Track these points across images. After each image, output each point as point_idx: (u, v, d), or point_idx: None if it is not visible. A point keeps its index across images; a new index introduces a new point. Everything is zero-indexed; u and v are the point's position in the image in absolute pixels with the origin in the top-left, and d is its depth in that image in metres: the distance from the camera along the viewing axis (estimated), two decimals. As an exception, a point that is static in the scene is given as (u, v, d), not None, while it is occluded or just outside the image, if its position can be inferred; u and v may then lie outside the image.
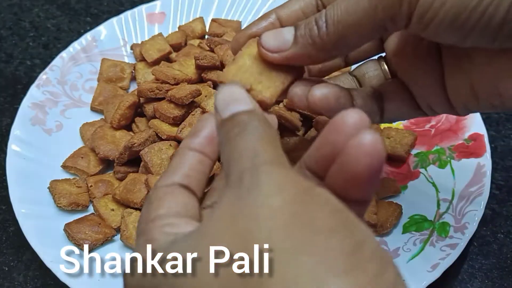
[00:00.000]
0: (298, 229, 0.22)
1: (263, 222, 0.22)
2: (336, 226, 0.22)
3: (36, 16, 0.80)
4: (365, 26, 0.32)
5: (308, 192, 0.23)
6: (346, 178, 0.25)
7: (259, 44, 0.34)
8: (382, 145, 0.24)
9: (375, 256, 0.21)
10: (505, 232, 0.56)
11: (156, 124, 0.57)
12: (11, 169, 0.56)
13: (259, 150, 0.25)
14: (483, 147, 0.57)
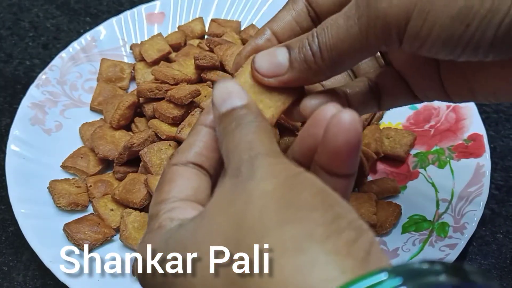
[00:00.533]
0: (285, 208, 0.25)
1: (255, 203, 0.25)
2: (318, 203, 0.25)
3: (35, 16, 0.80)
4: (358, 50, 0.32)
5: (297, 177, 0.26)
6: (328, 154, 0.28)
7: (253, 69, 0.34)
8: (359, 123, 0.27)
9: (351, 226, 0.24)
10: (504, 232, 0.57)
11: (155, 124, 0.57)
12: (11, 169, 0.56)
13: (254, 143, 0.28)
14: (483, 147, 0.57)
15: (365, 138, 0.59)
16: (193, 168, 0.31)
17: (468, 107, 0.61)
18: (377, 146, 0.58)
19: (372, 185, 0.56)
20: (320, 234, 0.23)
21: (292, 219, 0.24)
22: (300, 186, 0.25)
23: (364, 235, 0.24)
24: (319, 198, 0.25)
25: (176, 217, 0.29)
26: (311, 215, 0.24)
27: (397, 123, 0.62)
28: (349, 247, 0.23)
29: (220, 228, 0.26)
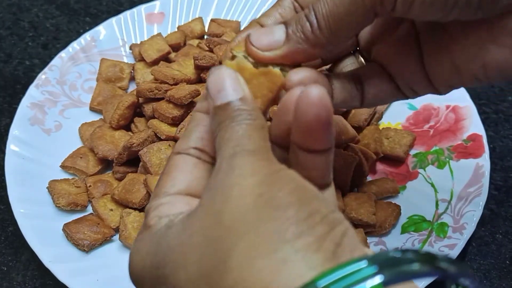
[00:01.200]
0: (262, 206, 0.25)
1: (232, 202, 0.26)
2: (294, 200, 0.25)
3: (35, 16, 0.80)
4: (355, 14, 0.32)
5: (276, 174, 0.26)
6: (301, 131, 0.28)
7: (248, 42, 0.33)
8: (327, 96, 0.27)
9: (325, 220, 0.25)
10: (504, 233, 0.57)
11: (155, 124, 0.57)
12: (10, 169, 0.56)
13: (242, 139, 0.28)
14: (482, 147, 0.57)
15: (365, 138, 0.59)
16: (193, 157, 0.31)
17: (468, 108, 0.61)
18: (377, 146, 0.58)
19: (371, 185, 0.56)
20: (292, 232, 0.24)
21: (268, 219, 0.25)
22: (279, 184, 0.26)
23: (338, 226, 0.25)
24: (296, 195, 0.25)
25: (164, 214, 0.29)
26: (286, 213, 0.24)
27: (396, 123, 0.62)
28: (320, 242, 0.24)
29: (200, 227, 0.26)
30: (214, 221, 0.26)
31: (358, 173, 0.55)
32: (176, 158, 0.32)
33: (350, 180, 0.54)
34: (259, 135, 0.28)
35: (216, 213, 0.26)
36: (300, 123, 0.28)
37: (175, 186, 0.31)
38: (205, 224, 0.26)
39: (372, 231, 0.53)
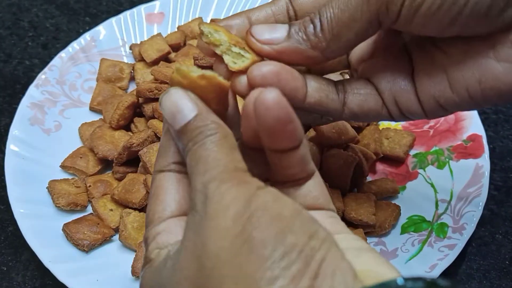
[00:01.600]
0: (238, 249, 0.25)
1: (210, 248, 0.25)
2: (270, 237, 0.25)
3: (35, 16, 0.80)
4: (359, 21, 0.32)
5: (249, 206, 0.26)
6: (266, 134, 0.28)
7: (249, 33, 0.33)
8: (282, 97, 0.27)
9: (301, 256, 0.24)
10: (503, 233, 0.57)
11: (155, 124, 0.57)
12: (10, 169, 0.56)
13: (209, 164, 0.28)
14: (482, 148, 0.57)
15: (365, 138, 0.59)
16: (175, 173, 0.32)
17: (467, 108, 0.61)
18: (376, 147, 0.58)
19: (371, 185, 0.56)
20: (268, 278, 0.24)
21: (246, 262, 0.24)
22: (254, 218, 0.25)
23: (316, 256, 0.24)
24: (271, 229, 0.25)
25: (163, 245, 0.30)
26: (261, 255, 0.24)
27: (396, 123, 0.62)
28: (295, 283, 0.24)
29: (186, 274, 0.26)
30: (197, 269, 0.26)
31: (358, 173, 0.55)
32: (159, 177, 0.32)
33: (349, 180, 0.54)
34: (224, 151, 0.28)
35: (197, 259, 0.26)
36: (262, 128, 0.28)
37: (167, 209, 0.31)
38: (190, 272, 0.26)
39: (372, 231, 0.53)
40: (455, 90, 0.35)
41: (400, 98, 0.37)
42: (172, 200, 0.31)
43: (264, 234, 0.25)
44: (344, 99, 0.37)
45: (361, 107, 0.37)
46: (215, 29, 0.33)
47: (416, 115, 0.37)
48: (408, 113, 0.37)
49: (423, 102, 0.36)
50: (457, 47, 0.35)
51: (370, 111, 0.38)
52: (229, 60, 0.33)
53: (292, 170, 0.31)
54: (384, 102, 0.37)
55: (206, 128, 0.29)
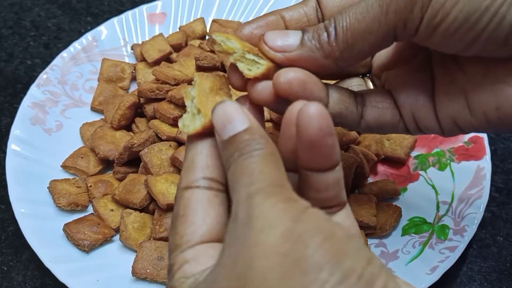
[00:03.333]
0: (289, 270, 0.23)
1: (257, 266, 0.24)
2: (324, 260, 0.23)
3: (36, 16, 0.80)
4: (375, 33, 0.31)
5: (298, 223, 0.24)
6: (307, 146, 0.28)
7: (262, 41, 0.33)
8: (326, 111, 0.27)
9: (360, 280, 0.23)
10: (504, 235, 0.56)
11: (156, 124, 0.57)
12: (11, 169, 0.56)
13: (255, 176, 0.27)
14: (483, 149, 0.57)
15: (366, 140, 0.59)
16: (204, 189, 0.30)
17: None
18: (378, 148, 0.58)
19: (372, 186, 0.56)
20: None
21: (299, 286, 0.23)
22: (305, 237, 0.24)
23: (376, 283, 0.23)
24: (325, 250, 0.23)
25: (190, 273, 0.28)
26: (319, 277, 0.23)
27: (397, 125, 0.62)
28: None
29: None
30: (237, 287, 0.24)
31: (359, 175, 0.55)
32: (187, 195, 0.30)
33: (351, 181, 0.54)
34: (271, 166, 0.27)
35: (239, 278, 0.24)
36: (304, 138, 0.28)
37: (196, 233, 0.29)
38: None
39: (373, 232, 0.53)
40: (473, 113, 0.35)
41: (419, 114, 0.37)
42: (202, 223, 0.30)
43: (318, 255, 0.23)
44: (362, 111, 0.37)
45: (377, 120, 0.37)
46: (227, 37, 0.33)
47: (433, 132, 0.37)
48: (425, 129, 0.37)
49: (441, 120, 0.36)
50: (477, 68, 0.34)
51: (386, 125, 0.38)
52: (243, 68, 0.32)
53: (327, 194, 0.30)
54: (402, 116, 0.37)
55: (255, 141, 0.28)
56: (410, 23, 0.31)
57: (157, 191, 0.52)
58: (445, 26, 0.30)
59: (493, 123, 0.34)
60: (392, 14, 0.31)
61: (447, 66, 0.36)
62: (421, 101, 0.37)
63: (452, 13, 0.30)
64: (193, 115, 0.31)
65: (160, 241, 0.51)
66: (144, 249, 0.50)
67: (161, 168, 0.54)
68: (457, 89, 0.35)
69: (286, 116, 0.29)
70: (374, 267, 0.24)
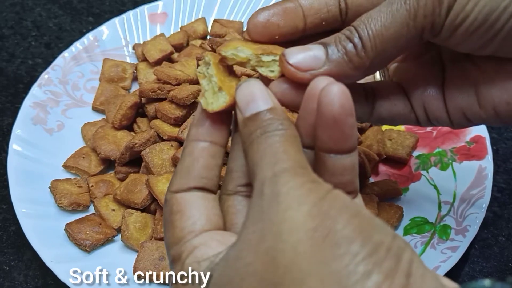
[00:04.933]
0: (320, 243, 0.23)
1: (287, 240, 0.24)
2: (354, 234, 0.24)
3: (38, 16, 0.80)
4: (404, 37, 0.31)
5: (325, 200, 0.25)
6: (328, 124, 0.28)
7: (284, 61, 0.31)
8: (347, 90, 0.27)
9: (390, 253, 0.23)
10: (507, 235, 0.56)
11: (157, 124, 0.57)
12: (12, 169, 0.56)
13: (279, 155, 0.27)
14: (485, 149, 0.57)
15: (367, 139, 0.59)
16: (197, 192, 0.30)
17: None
18: (379, 148, 0.58)
19: (374, 186, 0.56)
20: (362, 273, 0.23)
21: (331, 257, 0.23)
22: (332, 213, 0.24)
23: (404, 255, 0.24)
24: (355, 225, 0.24)
25: (202, 257, 0.28)
26: (350, 249, 0.23)
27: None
28: (390, 278, 0.23)
29: (254, 270, 0.25)
30: (267, 262, 0.24)
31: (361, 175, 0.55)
32: (180, 196, 0.30)
33: (352, 181, 0.54)
34: (294, 148, 0.27)
35: (268, 252, 0.24)
36: (325, 115, 0.27)
37: (197, 224, 0.29)
38: (258, 266, 0.24)
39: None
40: (482, 107, 0.35)
41: (429, 106, 0.37)
42: (200, 215, 0.30)
43: (348, 229, 0.24)
44: (373, 103, 0.37)
45: (389, 111, 0.37)
46: (234, 47, 0.32)
47: (443, 123, 0.37)
48: (435, 121, 0.38)
49: (450, 112, 0.37)
50: (490, 65, 0.35)
51: (399, 116, 0.38)
52: (265, 72, 0.32)
53: (342, 178, 0.30)
54: (413, 108, 0.37)
55: (278, 121, 0.28)
56: (437, 24, 0.31)
57: (158, 191, 0.52)
58: (465, 26, 0.31)
59: (503, 117, 0.35)
60: (421, 17, 0.31)
61: (459, 61, 0.36)
62: (432, 92, 0.37)
63: (472, 13, 0.30)
64: (214, 93, 0.31)
65: (161, 241, 0.51)
66: (145, 249, 0.50)
67: (163, 168, 0.54)
68: (468, 83, 0.36)
69: (309, 90, 0.29)
70: (400, 241, 0.24)
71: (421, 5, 0.30)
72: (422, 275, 0.24)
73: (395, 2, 0.31)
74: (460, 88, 0.36)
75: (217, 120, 0.31)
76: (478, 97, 0.35)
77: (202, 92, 0.31)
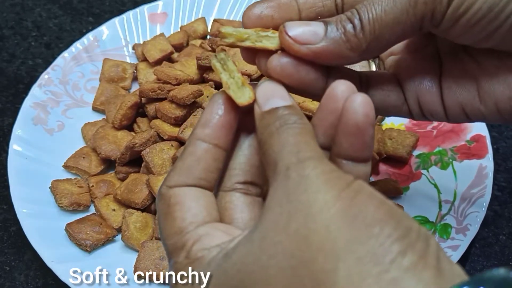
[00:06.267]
0: (353, 224, 0.24)
1: (318, 220, 0.24)
2: (386, 217, 0.24)
3: (38, 16, 0.80)
4: (402, 24, 0.31)
5: (351, 186, 0.25)
6: (349, 132, 0.28)
7: (283, 32, 0.31)
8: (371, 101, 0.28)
9: (420, 237, 0.24)
10: (507, 234, 0.56)
11: (157, 124, 0.57)
12: (13, 169, 0.56)
13: (301, 145, 0.27)
14: (485, 148, 0.57)
15: (368, 139, 0.59)
16: (195, 188, 0.30)
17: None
18: (380, 147, 0.58)
19: (374, 186, 0.55)
20: (397, 252, 0.23)
21: (365, 237, 0.24)
22: (361, 198, 0.25)
23: (431, 242, 0.24)
24: (384, 211, 0.25)
25: (209, 246, 0.28)
26: (384, 231, 0.24)
27: (399, 124, 0.62)
28: (424, 259, 0.23)
29: (284, 248, 0.25)
30: (298, 241, 0.24)
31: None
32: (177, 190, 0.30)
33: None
34: (312, 141, 0.28)
35: (298, 231, 0.25)
36: (349, 122, 0.28)
37: (198, 215, 0.29)
38: (288, 245, 0.25)
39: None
40: (483, 102, 0.35)
41: (424, 99, 0.37)
42: (201, 207, 0.30)
43: (379, 213, 0.24)
44: (367, 91, 0.37)
45: (382, 102, 0.37)
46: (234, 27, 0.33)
47: (437, 117, 0.37)
48: (429, 114, 0.37)
49: (447, 107, 0.36)
50: (491, 60, 0.34)
51: (391, 107, 0.38)
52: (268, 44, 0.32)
53: None
54: (406, 100, 0.37)
55: (296, 117, 0.28)
56: (438, 13, 0.31)
57: (159, 190, 0.52)
58: (468, 17, 0.31)
59: (504, 113, 0.35)
60: (422, 4, 0.31)
61: (457, 56, 0.36)
62: (427, 85, 0.37)
63: (476, 4, 0.30)
64: (238, 88, 0.31)
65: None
66: (146, 248, 0.50)
67: (163, 168, 0.54)
68: (468, 77, 0.35)
69: (328, 91, 0.29)
70: (425, 229, 0.25)
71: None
72: (448, 260, 0.24)
73: None
74: (459, 82, 0.36)
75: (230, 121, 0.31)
76: (479, 92, 0.35)
77: (226, 85, 0.31)
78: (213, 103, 0.31)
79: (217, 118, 0.31)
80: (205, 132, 0.31)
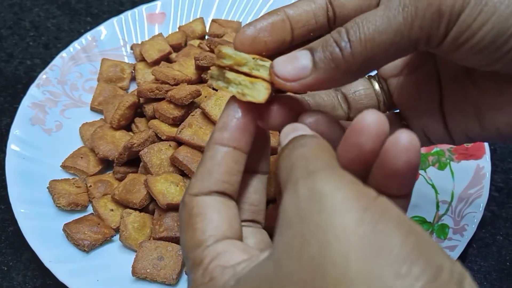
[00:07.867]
0: (375, 256, 0.22)
1: (334, 248, 0.22)
2: (414, 253, 0.22)
3: (36, 16, 0.80)
4: (396, 45, 0.29)
5: (375, 208, 0.23)
6: (386, 175, 0.26)
7: (273, 73, 0.31)
8: (418, 141, 0.25)
9: (452, 277, 0.22)
10: (504, 234, 0.56)
11: (155, 124, 0.57)
12: (11, 169, 0.56)
13: (310, 158, 0.26)
14: (483, 149, 0.57)
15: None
16: (218, 196, 0.30)
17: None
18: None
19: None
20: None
21: (391, 277, 0.21)
22: (387, 224, 0.22)
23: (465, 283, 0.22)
24: (413, 244, 0.22)
25: (226, 264, 0.27)
26: (413, 270, 0.21)
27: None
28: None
29: (297, 279, 0.23)
30: (314, 272, 0.22)
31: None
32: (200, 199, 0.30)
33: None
34: (326, 153, 0.26)
35: (314, 261, 0.22)
36: (387, 168, 0.26)
37: (219, 229, 0.29)
38: (303, 276, 0.23)
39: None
40: (485, 129, 0.34)
41: (429, 130, 0.36)
42: (223, 220, 0.29)
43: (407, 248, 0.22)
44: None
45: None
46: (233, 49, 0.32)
47: (444, 142, 0.37)
48: (437, 141, 0.37)
49: (451, 132, 0.36)
50: (492, 84, 0.33)
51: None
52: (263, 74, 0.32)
53: None
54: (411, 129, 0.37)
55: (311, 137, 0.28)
56: (434, 38, 0.29)
57: (157, 191, 0.52)
58: (470, 45, 0.29)
59: (505, 137, 0.34)
60: (417, 28, 0.29)
61: (458, 79, 0.35)
62: (430, 117, 0.36)
63: (478, 34, 0.28)
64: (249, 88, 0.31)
65: (160, 241, 0.51)
66: (144, 249, 0.50)
67: (161, 168, 0.54)
68: (469, 104, 0.34)
69: (354, 124, 0.27)
70: (459, 266, 0.23)
71: (419, 15, 0.28)
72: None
73: (393, 8, 0.29)
74: (461, 111, 0.35)
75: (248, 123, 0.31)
76: (480, 120, 0.34)
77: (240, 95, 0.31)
78: (229, 106, 0.31)
79: (234, 121, 0.31)
80: (224, 136, 0.31)
